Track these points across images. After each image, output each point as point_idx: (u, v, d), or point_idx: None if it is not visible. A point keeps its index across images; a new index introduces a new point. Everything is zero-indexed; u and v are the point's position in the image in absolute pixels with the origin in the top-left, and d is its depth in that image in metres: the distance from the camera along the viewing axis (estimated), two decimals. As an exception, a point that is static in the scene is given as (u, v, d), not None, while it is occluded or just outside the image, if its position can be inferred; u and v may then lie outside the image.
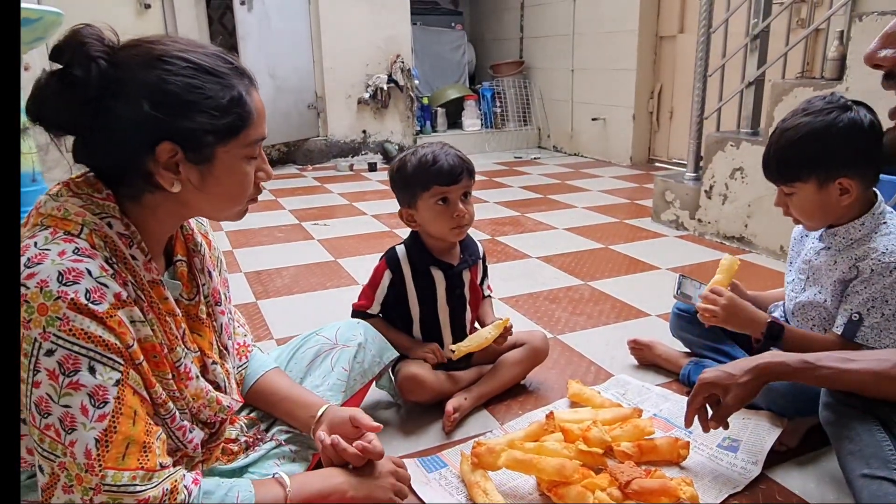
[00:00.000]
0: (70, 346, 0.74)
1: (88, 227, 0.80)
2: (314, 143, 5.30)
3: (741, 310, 1.33)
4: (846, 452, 1.06)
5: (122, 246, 0.83)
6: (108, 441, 0.76)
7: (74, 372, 0.74)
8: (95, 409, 0.75)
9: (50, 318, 0.73)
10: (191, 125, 0.81)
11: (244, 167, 0.89)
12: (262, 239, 3.09)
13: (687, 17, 4.56)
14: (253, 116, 0.87)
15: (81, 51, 0.78)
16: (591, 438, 1.25)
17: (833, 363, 1.07)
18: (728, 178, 2.82)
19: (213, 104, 0.82)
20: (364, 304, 1.52)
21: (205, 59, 0.83)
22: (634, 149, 4.96)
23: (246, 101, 0.86)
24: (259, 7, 4.60)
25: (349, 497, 1.00)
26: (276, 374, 1.18)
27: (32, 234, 0.79)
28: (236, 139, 0.86)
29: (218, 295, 1.03)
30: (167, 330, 0.88)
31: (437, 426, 1.43)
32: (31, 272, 0.74)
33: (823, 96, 1.29)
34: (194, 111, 0.81)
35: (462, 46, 6.23)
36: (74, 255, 0.77)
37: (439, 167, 1.40)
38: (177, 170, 0.83)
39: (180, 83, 0.80)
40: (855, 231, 1.28)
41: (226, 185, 0.88)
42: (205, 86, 0.82)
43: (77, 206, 0.82)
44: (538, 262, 2.67)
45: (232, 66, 0.86)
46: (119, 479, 0.76)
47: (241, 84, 0.86)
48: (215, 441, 1.01)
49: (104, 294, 0.77)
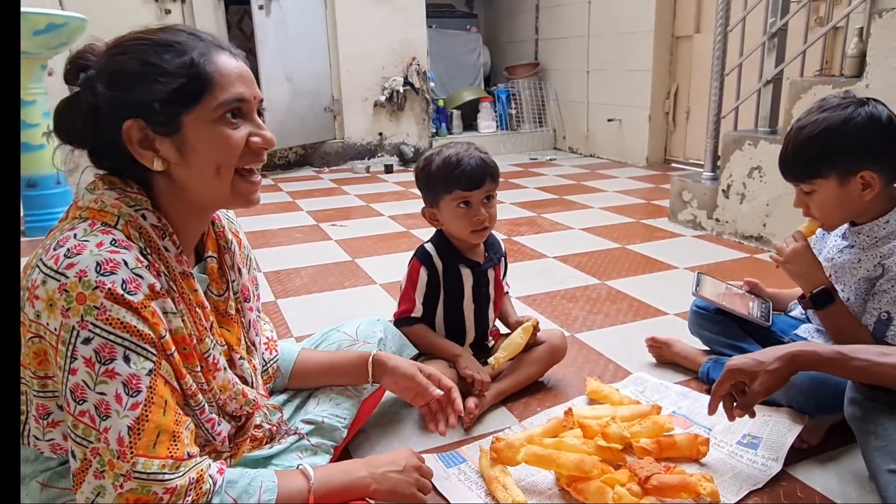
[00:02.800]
0: (107, 334, 0.76)
1: (124, 219, 0.83)
2: (331, 145, 5.33)
3: (806, 259, 1.34)
4: (872, 448, 1.05)
5: (155, 237, 0.85)
6: (140, 429, 0.77)
7: (110, 360, 0.76)
8: (129, 398, 0.77)
9: (88, 307, 0.75)
10: (142, 96, 0.82)
11: (222, 131, 0.86)
12: (281, 239, 3.13)
13: (703, 16, 4.54)
14: (214, 78, 0.84)
15: (78, 66, 0.84)
16: (610, 434, 1.25)
17: (867, 356, 1.05)
18: (746, 177, 2.80)
19: (162, 71, 0.82)
20: (407, 309, 1.50)
21: (161, 36, 0.84)
22: (650, 149, 4.94)
23: (200, 63, 0.84)
24: (277, 11, 4.65)
25: (372, 490, 1.00)
26: (307, 352, 1.23)
27: (72, 227, 0.81)
28: (200, 104, 0.84)
29: (247, 292, 1.05)
30: (197, 321, 0.89)
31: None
32: (71, 262, 0.76)
33: (838, 94, 1.28)
34: (146, 81, 0.82)
35: (477, 49, 6.24)
36: (112, 246, 0.79)
37: (462, 171, 1.40)
38: (154, 147, 0.84)
39: (133, 60, 0.82)
40: (880, 229, 1.27)
41: (204, 153, 0.86)
42: (157, 58, 0.82)
43: (113, 198, 0.84)
44: (555, 261, 2.67)
45: (188, 35, 0.86)
46: (149, 467, 0.77)
47: (197, 48, 0.84)
48: (242, 436, 1.02)
49: (139, 285, 0.79)
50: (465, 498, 1.18)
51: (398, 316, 1.52)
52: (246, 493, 0.86)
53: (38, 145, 3.13)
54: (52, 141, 3.27)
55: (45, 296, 0.76)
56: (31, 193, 3.20)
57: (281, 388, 1.22)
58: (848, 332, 1.28)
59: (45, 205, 3.22)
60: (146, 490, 0.77)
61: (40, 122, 3.11)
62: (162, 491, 0.78)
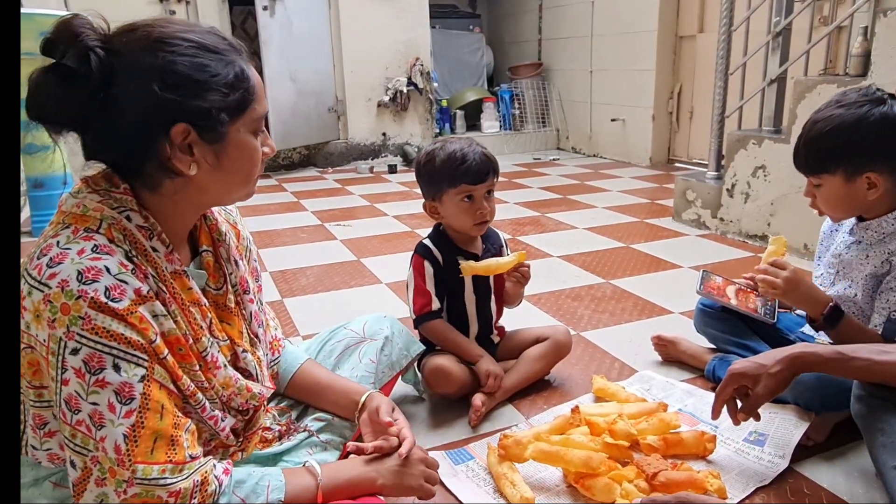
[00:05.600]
0: (94, 344, 0.75)
1: (107, 222, 0.81)
2: (334, 145, 5.35)
3: (803, 284, 1.32)
4: (878, 445, 1.05)
5: (141, 238, 0.83)
6: (136, 436, 0.76)
7: (100, 370, 0.75)
8: (122, 406, 0.76)
9: (73, 317, 0.74)
10: (204, 104, 0.81)
11: (253, 142, 0.89)
12: (286, 239, 3.14)
13: (706, 16, 4.54)
14: (257, 91, 0.88)
15: (77, 42, 0.77)
16: (617, 431, 1.26)
17: (867, 355, 1.06)
18: (750, 176, 2.80)
19: (222, 81, 0.82)
20: (424, 304, 1.50)
21: (205, 38, 0.83)
22: (654, 149, 4.94)
23: (249, 76, 0.86)
24: (281, 12, 4.67)
25: (379, 485, 1.00)
26: (312, 364, 1.20)
27: (55, 233, 0.80)
28: (245, 115, 0.86)
29: (246, 283, 1.03)
30: (191, 321, 0.88)
31: (463, 420, 1.45)
32: (53, 272, 0.75)
33: (859, 88, 1.27)
34: (206, 90, 0.81)
35: (480, 49, 6.25)
36: (93, 252, 0.77)
37: (468, 166, 1.42)
38: (191, 152, 0.83)
39: (188, 63, 0.80)
40: (888, 225, 1.28)
41: (239, 162, 0.88)
42: (211, 64, 0.82)
43: (95, 201, 0.82)
44: (559, 260, 2.68)
45: (228, 43, 0.86)
46: (149, 473, 0.77)
47: (241, 59, 0.87)
48: (252, 429, 1.02)
49: (124, 291, 0.77)
50: (473, 495, 1.18)
51: (419, 313, 1.51)
52: (254, 493, 0.87)
53: (45, 146, 3.14)
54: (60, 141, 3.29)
55: (31, 307, 0.75)
56: (38, 194, 3.22)
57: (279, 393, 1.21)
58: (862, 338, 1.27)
59: (52, 205, 3.22)
60: (150, 494, 0.77)
61: (47, 123, 3.11)
62: (166, 494, 0.77)
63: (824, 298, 1.31)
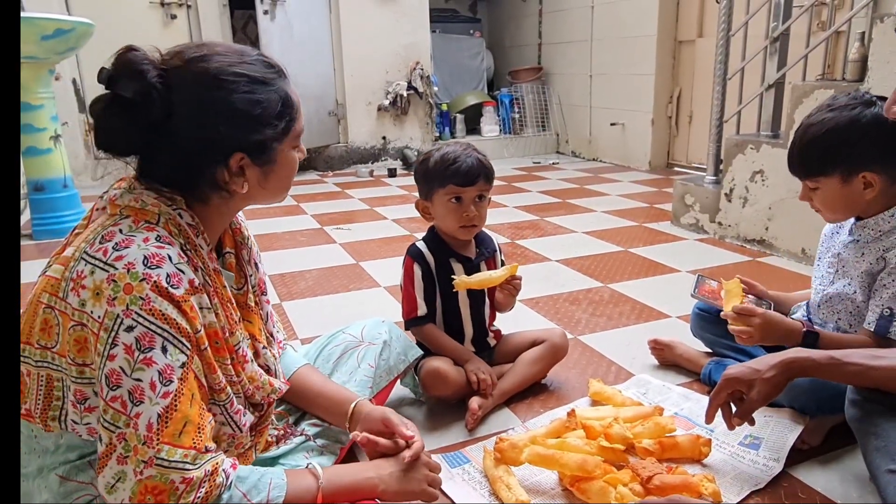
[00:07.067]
0: (149, 324, 0.79)
1: (164, 217, 0.87)
2: (335, 149, 5.36)
3: (776, 325, 1.31)
4: (872, 449, 1.06)
5: (191, 235, 0.89)
6: (168, 417, 0.80)
7: (149, 349, 0.79)
8: (162, 386, 0.80)
9: (134, 297, 0.79)
10: (260, 137, 0.89)
11: (295, 157, 0.97)
12: (285, 242, 3.14)
13: (705, 21, 4.56)
14: (299, 110, 0.95)
15: (140, 79, 0.83)
16: (612, 435, 1.26)
17: (860, 360, 1.07)
18: (748, 180, 2.81)
19: (274, 113, 0.90)
20: (412, 309, 1.52)
21: (254, 70, 0.89)
22: (653, 153, 4.96)
23: (293, 99, 0.94)
24: (281, 16, 4.68)
25: (380, 491, 1.01)
26: (308, 370, 1.21)
27: (115, 223, 0.85)
28: (289, 135, 0.94)
29: (263, 285, 1.09)
30: (228, 315, 0.93)
31: (460, 423, 1.45)
32: (120, 255, 0.80)
33: (848, 92, 1.29)
34: (261, 125, 0.89)
35: (481, 53, 6.27)
36: (157, 241, 0.83)
37: (457, 168, 1.45)
38: (243, 173, 0.90)
39: (245, 100, 0.87)
40: (884, 223, 1.29)
41: (283, 176, 0.96)
42: (263, 98, 0.89)
43: (152, 198, 0.87)
44: (558, 264, 2.68)
45: (273, 70, 0.92)
46: (172, 455, 0.79)
47: (285, 84, 0.93)
48: (263, 424, 1.05)
49: (181, 279, 0.83)
50: (469, 498, 1.19)
51: (406, 317, 1.54)
52: (256, 489, 0.88)
53: (46, 149, 3.16)
54: (60, 145, 3.31)
55: (91, 285, 0.79)
56: (38, 197, 3.22)
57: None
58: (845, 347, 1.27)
59: (53, 208, 3.24)
60: (164, 478, 0.79)
61: (48, 126, 3.13)
62: (179, 480, 0.80)
63: (798, 327, 1.31)
